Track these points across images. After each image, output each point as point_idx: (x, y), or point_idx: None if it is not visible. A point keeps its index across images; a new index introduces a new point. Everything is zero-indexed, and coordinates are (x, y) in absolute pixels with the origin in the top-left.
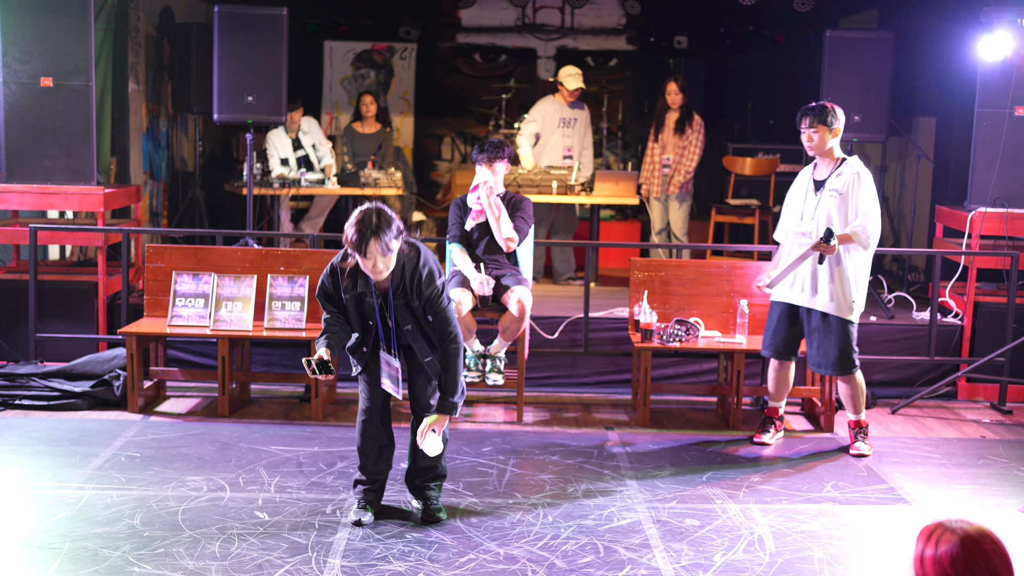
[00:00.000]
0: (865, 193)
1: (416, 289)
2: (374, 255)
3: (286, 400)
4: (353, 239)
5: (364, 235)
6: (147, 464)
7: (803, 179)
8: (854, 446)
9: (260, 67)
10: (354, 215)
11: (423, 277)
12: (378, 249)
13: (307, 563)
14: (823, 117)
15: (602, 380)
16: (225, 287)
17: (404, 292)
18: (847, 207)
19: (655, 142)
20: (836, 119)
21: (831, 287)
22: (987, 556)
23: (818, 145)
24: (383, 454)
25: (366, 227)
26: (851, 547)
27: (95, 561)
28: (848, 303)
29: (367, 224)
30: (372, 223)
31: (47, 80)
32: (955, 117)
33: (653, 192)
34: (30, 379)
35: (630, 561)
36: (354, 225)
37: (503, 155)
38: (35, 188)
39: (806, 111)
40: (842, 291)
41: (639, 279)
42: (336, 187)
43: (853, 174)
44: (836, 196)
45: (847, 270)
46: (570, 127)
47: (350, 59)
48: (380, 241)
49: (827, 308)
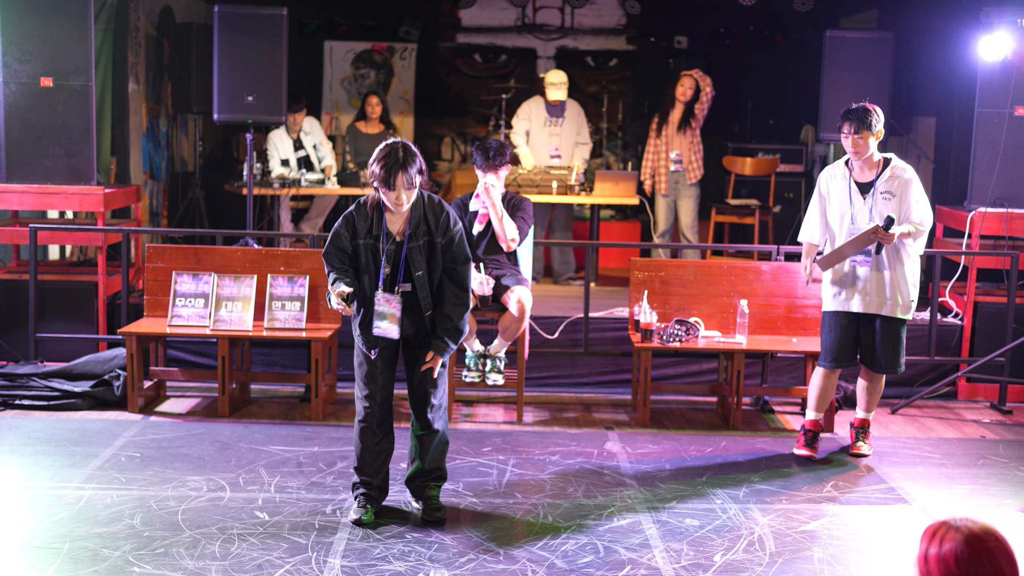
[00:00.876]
0: (919, 193)
1: (443, 227)
2: (400, 187)
3: (286, 400)
4: (379, 172)
5: (391, 167)
6: (147, 464)
7: (840, 182)
8: (855, 445)
9: (260, 67)
10: (379, 151)
11: (449, 215)
12: (404, 181)
13: (307, 563)
14: (867, 122)
15: (602, 380)
16: (225, 287)
17: (427, 231)
18: (903, 208)
19: (658, 138)
20: (879, 120)
21: (892, 290)
22: (992, 554)
23: (864, 150)
24: (382, 457)
25: (393, 160)
26: (851, 547)
27: (95, 561)
28: (907, 303)
29: (394, 157)
30: (399, 156)
31: (47, 80)
32: (955, 117)
33: (660, 189)
34: (30, 379)
35: (630, 561)
36: (380, 159)
37: (505, 160)
38: (35, 188)
39: (849, 116)
40: (903, 292)
41: (639, 279)
42: (336, 187)
43: (903, 175)
44: (891, 198)
45: (907, 270)
46: (557, 125)
47: (350, 59)
48: (407, 173)
49: (891, 312)
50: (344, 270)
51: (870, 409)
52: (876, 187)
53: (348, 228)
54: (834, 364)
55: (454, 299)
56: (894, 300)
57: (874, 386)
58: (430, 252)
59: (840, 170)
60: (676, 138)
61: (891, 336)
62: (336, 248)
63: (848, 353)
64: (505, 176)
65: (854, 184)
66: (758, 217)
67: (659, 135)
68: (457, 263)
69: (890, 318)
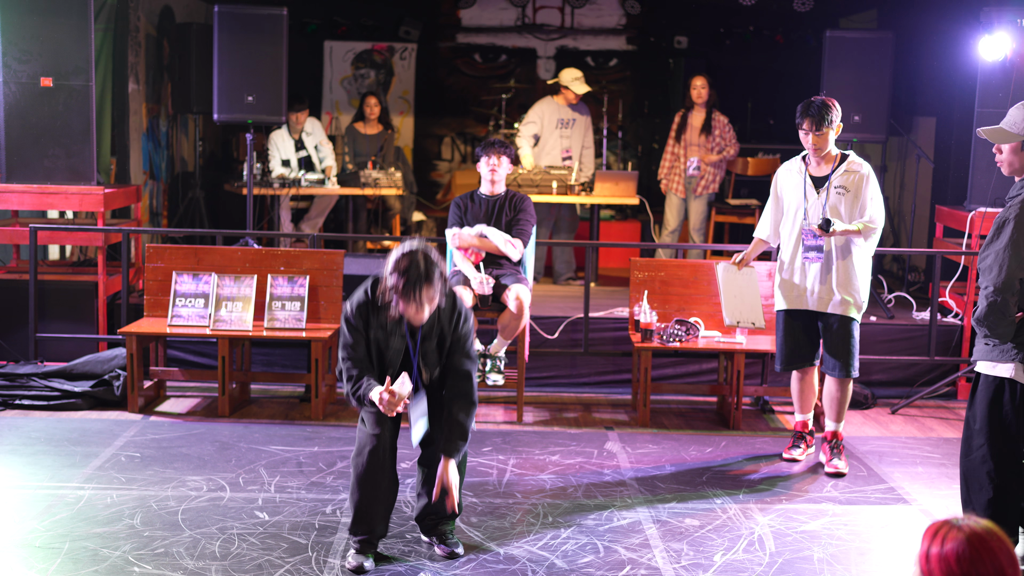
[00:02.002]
0: (874, 190)
1: (453, 326)
2: (424, 303)
3: (286, 400)
4: (400, 286)
5: (416, 284)
6: (147, 464)
7: (795, 176)
8: (831, 463)
9: (260, 67)
10: (398, 258)
11: (462, 315)
12: (427, 297)
13: (307, 563)
14: (827, 117)
15: (602, 380)
16: (225, 287)
17: (439, 331)
18: (856, 204)
19: (677, 143)
20: (837, 114)
21: (840, 288)
22: (993, 554)
23: (824, 146)
24: (387, 504)
25: (417, 276)
26: (851, 547)
27: (95, 561)
28: (859, 302)
29: (416, 270)
30: (421, 269)
31: (47, 80)
32: (955, 117)
33: (676, 191)
34: (30, 379)
35: (630, 561)
36: (403, 271)
37: (507, 151)
38: (35, 188)
39: (807, 113)
40: (854, 290)
41: (639, 279)
42: (336, 187)
43: (860, 171)
44: (844, 193)
45: (855, 269)
46: (568, 128)
47: (350, 59)
48: (431, 287)
49: (837, 309)
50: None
51: (837, 418)
52: (831, 181)
53: (361, 318)
54: (785, 366)
55: (463, 400)
56: (844, 298)
57: (836, 391)
58: (440, 350)
59: (796, 164)
60: (697, 142)
61: (842, 336)
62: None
63: (803, 354)
64: (507, 174)
65: (809, 178)
66: (758, 217)
67: (679, 140)
68: (465, 358)
69: (841, 317)
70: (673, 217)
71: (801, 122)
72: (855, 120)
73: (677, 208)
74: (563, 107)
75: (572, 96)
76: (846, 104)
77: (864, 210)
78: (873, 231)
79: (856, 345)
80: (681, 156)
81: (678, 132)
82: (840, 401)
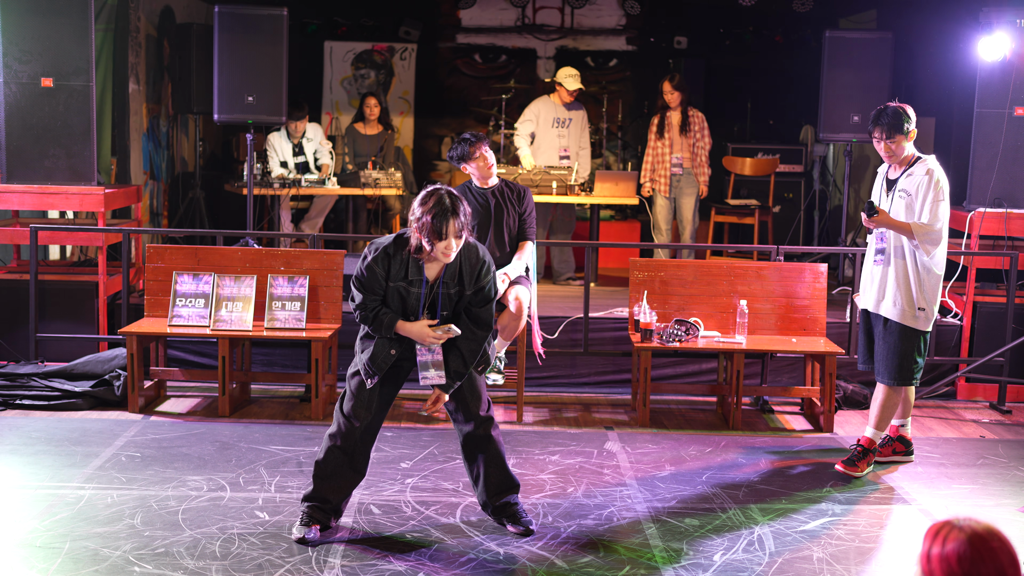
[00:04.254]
0: (933, 194)
1: (475, 277)
2: (451, 235)
3: (286, 400)
4: (429, 222)
5: (442, 216)
6: (147, 464)
7: (879, 178)
8: (842, 462)
9: (260, 67)
10: (425, 198)
11: (484, 266)
12: (455, 229)
13: (307, 563)
14: (900, 126)
15: (602, 380)
16: (225, 287)
17: (459, 281)
18: (915, 207)
19: (660, 139)
20: (911, 122)
21: (896, 291)
22: (994, 554)
23: (898, 154)
24: (346, 486)
25: (441, 209)
26: (851, 547)
27: (95, 561)
28: (913, 310)
29: (442, 206)
30: (447, 204)
31: (47, 80)
32: (954, 117)
33: (661, 191)
34: (30, 379)
35: (630, 561)
36: (429, 209)
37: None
38: (35, 188)
39: (879, 122)
40: (906, 296)
41: (639, 279)
42: (336, 187)
43: (922, 174)
44: (905, 196)
45: (912, 274)
46: (565, 127)
47: (350, 59)
48: (458, 219)
49: (890, 314)
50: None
51: (878, 425)
52: (897, 184)
53: (383, 267)
54: (863, 364)
55: (470, 336)
56: (896, 301)
57: (880, 395)
58: (458, 299)
59: (884, 165)
60: (679, 140)
61: (889, 340)
62: (371, 278)
63: (869, 355)
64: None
65: (885, 181)
66: (758, 217)
67: (660, 137)
68: (479, 304)
69: (892, 322)
70: (662, 218)
71: (872, 129)
72: (854, 120)
73: (666, 208)
74: (559, 106)
75: (566, 94)
76: (846, 104)
77: (921, 213)
78: (926, 233)
79: (903, 353)
80: (666, 154)
81: (659, 131)
82: (882, 406)
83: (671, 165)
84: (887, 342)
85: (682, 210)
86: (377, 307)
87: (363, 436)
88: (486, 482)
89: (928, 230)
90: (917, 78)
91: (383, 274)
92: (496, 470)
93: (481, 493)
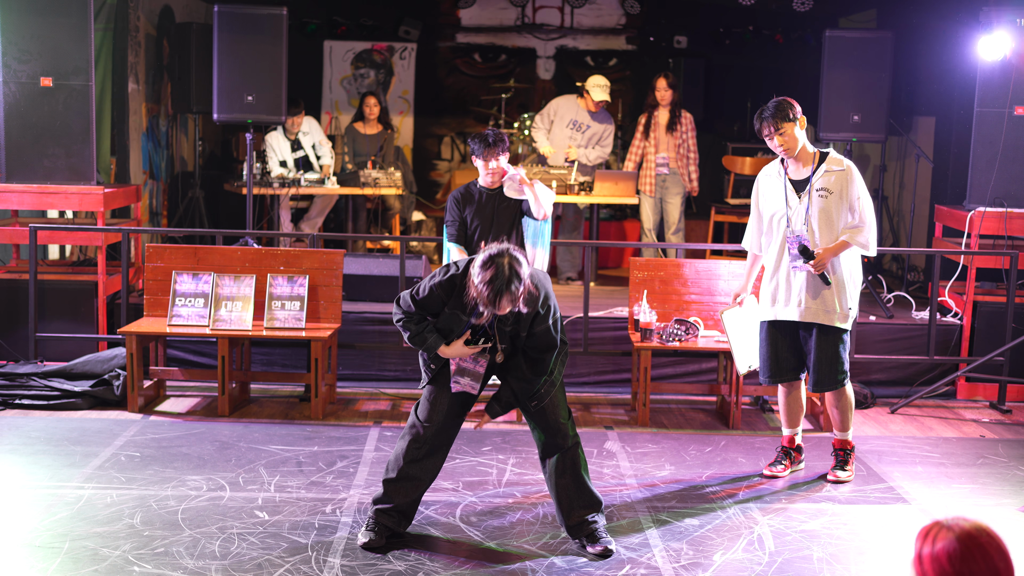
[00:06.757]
0: (860, 189)
1: (528, 323)
2: (504, 307)
3: (286, 400)
4: (485, 292)
5: (499, 292)
6: (147, 463)
7: (774, 181)
8: (833, 472)
9: (260, 67)
10: (486, 263)
11: (539, 316)
12: (509, 302)
13: (307, 562)
14: (785, 114)
15: (602, 379)
16: (225, 287)
17: (515, 321)
18: (842, 206)
19: (645, 139)
20: (795, 109)
21: (826, 296)
22: (984, 551)
23: (792, 144)
24: (412, 490)
25: (501, 284)
26: (850, 546)
27: (95, 560)
28: (844, 311)
29: (501, 279)
30: (505, 278)
31: (47, 80)
32: (954, 117)
33: (647, 191)
34: (30, 379)
35: (630, 560)
36: (488, 279)
37: (505, 146)
38: (35, 188)
39: (762, 117)
40: (837, 299)
41: (639, 279)
42: (336, 187)
43: (842, 170)
44: (828, 196)
45: (844, 276)
46: (580, 131)
47: (350, 59)
48: (512, 295)
49: (822, 319)
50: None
51: (844, 427)
52: (812, 184)
53: (445, 293)
54: (771, 380)
55: (522, 377)
56: (831, 307)
57: (835, 402)
58: (515, 336)
59: (775, 168)
60: (664, 139)
61: (828, 348)
62: (429, 299)
63: (789, 368)
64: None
65: (789, 183)
66: None
67: (646, 136)
68: (537, 350)
69: (827, 327)
70: (647, 218)
71: (760, 129)
72: (854, 120)
73: (652, 208)
74: (582, 110)
75: (592, 103)
76: (845, 103)
77: (853, 210)
78: (867, 232)
79: (845, 354)
80: (651, 153)
81: (646, 130)
82: (842, 410)
83: (656, 165)
84: (825, 350)
85: (668, 210)
86: (425, 325)
87: (434, 441)
88: (559, 496)
89: (869, 229)
90: (917, 77)
91: (443, 299)
92: (572, 484)
93: (557, 510)
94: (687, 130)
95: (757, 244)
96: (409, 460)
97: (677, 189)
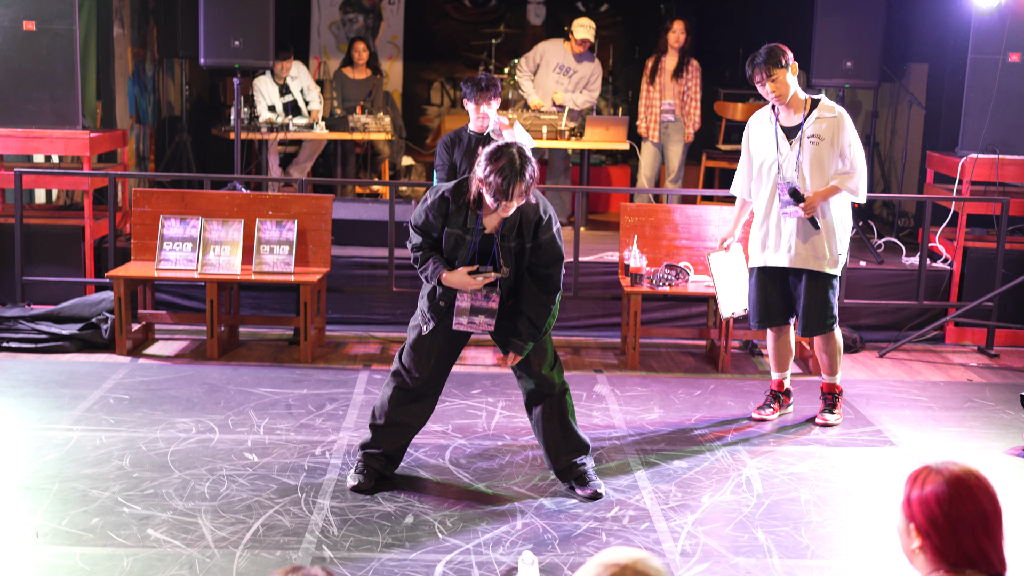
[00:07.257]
0: (851, 136)
1: (532, 232)
2: (515, 198)
3: (275, 343)
4: (496, 181)
5: (512, 179)
6: (136, 406)
7: (765, 128)
8: (821, 415)
9: (247, 11)
10: (495, 155)
11: (544, 221)
12: (521, 191)
13: (296, 504)
14: (777, 60)
15: (591, 324)
16: (213, 231)
17: (519, 234)
18: (833, 152)
19: (651, 85)
20: (787, 55)
21: (816, 242)
22: (972, 492)
23: (783, 91)
24: (400, 436)
25: (513, 171)
26: (838, 488)
27: (84, 501)
28: (834, 256)
29: (513, 167)
30: (517, 166)
31: (30, 24)
32: (948, 63)
33: (650, 137)
34: (18, 322)
35: (619, 502)
36: (500, 168)
37: (497, 91)
38: (19, 132)
39: (754, 64)
40: (827, 245)
41: (629, 224)
42: (324, 132)
43: (834, 117)
44: (819, 142)
45: (835, 221)
46: (567, 75)
47: (338, 4)
48: (525, 183)
49: (812, 265)
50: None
51: (832, 371)
52: (803, 131)
53: (440, 213)
54: (760, 324)
55: (535, 300)
56: (821, 253)
57: (824, 346)
58: (519, 253)
59: (766, 115)
60: (670, 86)
61: (817, 294)
62: (426, 224)
63: (778, 312)
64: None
65: (780, 129)
66: None
67: (652, 82)
68: (544, 265)
69: (817, 273)
70: (648, 164)
71: (751, 75)
72: (847, 66)
73: (652, 155)
74: (568, 53)
75: (576, 44)
76: (838, 50)
77: (844, 157)
78: (857, 179)
79: (834, 299)
80: (656, 99)
81: (651, 76)
82: (831, 354)
83: (661, 111)
84: (814, 295)
85: (669, 157)
86: (429, 253)
87: (423, 389)
88: (546, 441)
89: (859, 176)
90: (910, 24)
91: (441, 218)
92: (559, 429)
93: (545, 455)
94: (692, 77)
95: (746, 189)
96: (395, 406)
97: (679, 136)
